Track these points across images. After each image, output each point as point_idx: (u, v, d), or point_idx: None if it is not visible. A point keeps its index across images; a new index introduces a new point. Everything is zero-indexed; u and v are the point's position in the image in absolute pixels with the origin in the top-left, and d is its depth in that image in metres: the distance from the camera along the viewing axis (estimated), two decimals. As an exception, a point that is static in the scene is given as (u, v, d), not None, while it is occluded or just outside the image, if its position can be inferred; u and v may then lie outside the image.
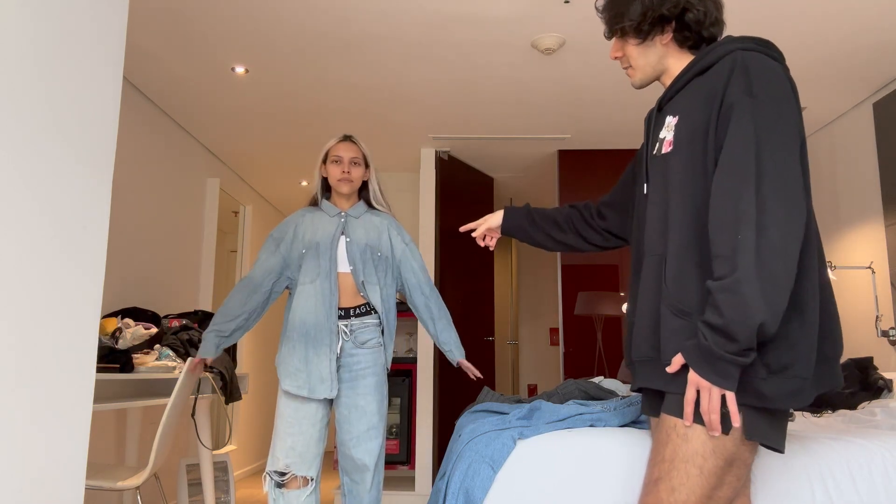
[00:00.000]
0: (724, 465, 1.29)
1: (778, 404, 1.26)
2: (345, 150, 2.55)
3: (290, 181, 5.69)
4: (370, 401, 2.43)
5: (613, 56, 1.58)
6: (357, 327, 2.47)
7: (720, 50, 1.40)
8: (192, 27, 3.16)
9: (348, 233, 2.51)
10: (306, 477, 2.37)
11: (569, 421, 1.89)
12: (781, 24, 3.10)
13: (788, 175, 1.25)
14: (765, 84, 1.31)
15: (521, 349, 6.49)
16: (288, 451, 2.37)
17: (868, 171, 3.84)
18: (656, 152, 1.48)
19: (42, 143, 1.43)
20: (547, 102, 4.03)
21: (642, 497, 1.35)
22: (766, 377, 1.26)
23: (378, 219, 2.59)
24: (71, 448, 1.52)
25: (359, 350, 2.46)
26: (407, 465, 4.75)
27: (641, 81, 1.57)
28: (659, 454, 1.33)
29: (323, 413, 2.42)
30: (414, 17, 3.08)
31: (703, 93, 1.38)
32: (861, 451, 1.79)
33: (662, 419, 1.35)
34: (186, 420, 4.00)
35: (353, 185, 2.54)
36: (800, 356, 1.26)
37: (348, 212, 2.55)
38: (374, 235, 2.54)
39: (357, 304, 2.48)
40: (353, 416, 2.42)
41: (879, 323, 3.65)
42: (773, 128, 1.28)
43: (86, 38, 1.58)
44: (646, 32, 1.49)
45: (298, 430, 2.38)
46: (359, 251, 2.48)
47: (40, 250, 1.42)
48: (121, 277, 3.61)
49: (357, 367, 2.45)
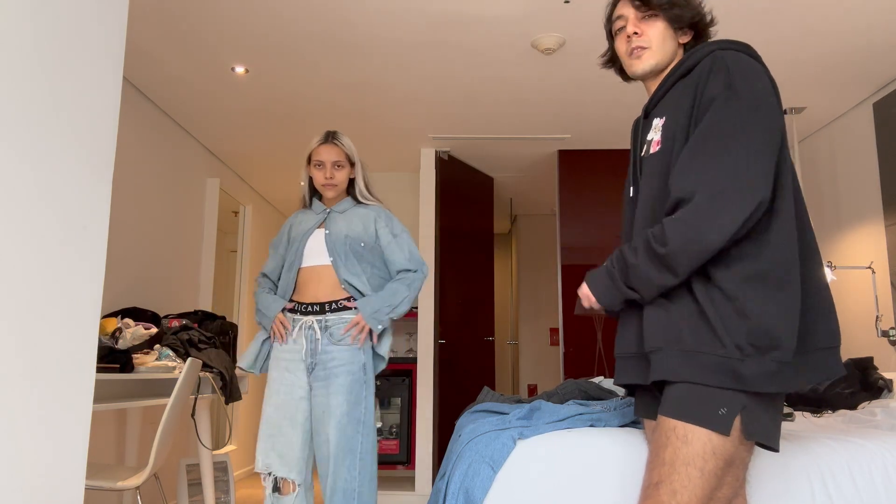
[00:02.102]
0: (725, 465, 1.29)
1: (756, 386, 1.27)
2: (326, 153, 2.49)
3: (290, 181, 5.69)
4: (340, 401, 2.31)
5: (635, 30, 1.54)
6: (333, 322, 2.39)
7: (700, 52, 1.45)
8: (192, 27, 3.16)
9: (328, 225, 2.49)
10: (287, 480, 2.32)
11: (569, 421, 1.89)
12: (781, 23, 3.10)
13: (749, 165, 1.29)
14: (742, 79, 1.35)
15: (521, 349, 6.49)
16: (267, 451, 2.33)
17: (868, 171, 3.84)
18: (644, 154, 1.52)
19: (42, 143, 1.43)
20: (547, 102, 4.03)
21: (641, 500, 1.34)
22: (743, 359, 1.27)
23: (366, 210, 2.55)
24: (71, 448, 1.52)
25: (334, 347, 2.36)
26: (407, 465, 4.75)
27: (653, 66, 1.54)
28: (658, 457, 1.33)
29: (305, 416, 2.36)
30: (414, 17, 3.08)
31: (686, 93, 1.42)
32: (861, 451, 1.79)
33: (661, 421, 1.35)
34: (186, 420, 4.00)
35: (337, 189, 2.52)
36: (777, 340, 1.27)
37: (333, 207, 2.54)
38: (359, 227, 2.48)
39: (336, 299, 2.41)
40: (324, 415, 2.32)
41: (879, 323, 3.65)
42: (748, 119, 1.31)
43: (86, 38, 1.58)
44: (685, 22, 1.53)
45: (279, 431, 2.34)
46: (338, 242, 2.44)
47: (40, 250, 1.42)
48: (121, 277, 3.61)
49: (331, 365, 2.35)
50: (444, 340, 4.79)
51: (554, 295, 6.49)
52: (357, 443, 2.31)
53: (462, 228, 5.14)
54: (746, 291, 1.29)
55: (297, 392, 2.38)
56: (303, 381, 2.39)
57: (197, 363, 2.78)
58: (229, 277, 6.01)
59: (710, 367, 1.28)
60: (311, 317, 2.40)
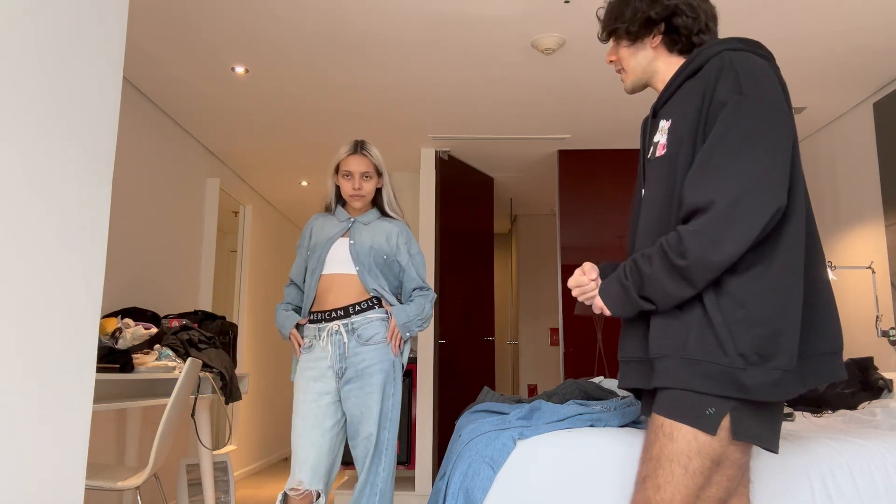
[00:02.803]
0: (711, 464, 1.29)
1: (759, 395, 1.26)
2: (356, 164, 2.50)
3: (290, 181, 5.70)
4: (377, 399, 2.37)
5: (609, 60, 1.64)
6: (360, 324, 2.42)
7: (708, 52, 1.43)
8: (192, 27, 3.16)
9: (352, 235, 2.50)
10: (311, 491, 2.34)
11: (569, 421, 1.90)
12: (781, 23, 3.10)
13: (767, 172, 1.27)
14: (753, 82, 1.33)
15: (521, 349, 6.49)
16: (300, 465, 2.34)
17: (868, 171, 3.84)
18: (651, 156, 1.51)
19: (42, 143, 1.43)
20: (547, 102, 4.03)
21: (633, 494, 1.38)
22: (745, 368, 1.26)
23: (390, 225, 2.57)
24: (71, 448, 1.52)
25: (364, 348, 2.40)
26: (407, 465, 4.75)
27: (633, 84, 1.61)
28: (647, 452, 1.36)
29: (333, 422, 2.39)
30: (414, 17, 3.08)
31: (694, 95, 1.41)
32: (861, 451, 1.79)
33: (651, 418, 1.37)
34: (186, 420, 4.00)
35: (365, 200, 2.53)
36: (781, 348, 1.27)
37: (358, 218, 2.55)
38: (382, 239, 2.51)
39: (360, 300, 2.44)
40: (362, 415, 2.37)
41: (879, 323, 3.65)
42: (762, 123, 1.30)
43: (86, 38, 1.58)
44: (635, 34, 1.55)
45: (309, 441, 2.35)
46: (363, 253, 2.47)
47: (40, 250, 1.42)
48: (121, 277, 3.61)
49: (363, 366, 2.39)
50: (444, 340, 4.79)
51: (554, 295, 6.49)
52: (384, 439, 2.39)
53: (462, 228, 5.14)
54: (756, 298, 1.28)
55: (325, 399, 2.40)
56: (331, 387, 2.41)
57: (197, 363, 2.78)
58: (229, 277, 6.01)
59: (711, 376, 1.28)
60: (337, 322, 2.42)
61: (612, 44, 1.62)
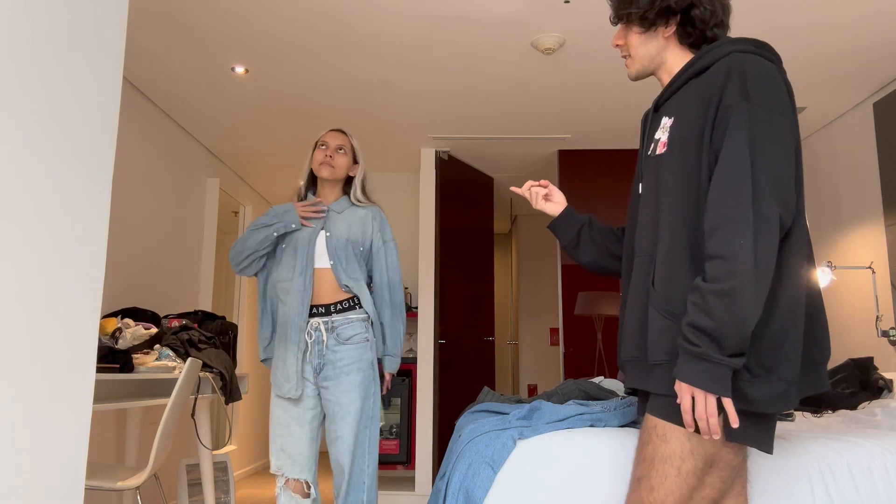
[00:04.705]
0: (704, 466, 1.29)
1: (764, 407, 1.26)
2: (332, 137, 2.58)
3: (290, 181, 5.69)
4: (354, 398, 2.36)
5: (615, 43, 1.58)
6: (340, 323, 2.42)
7: (717, 52, 1.40)
8: (192, 27, 3.16)
9: (329, 227, 2.48)
10: (300, 480, 2.36)
11: (569, 421, 1.89)
12: (781, 23, 3.10)
13: (781, 181, 1.26)
14: (760, 88, 1.31)
15: (521, 349, 6.49)
16: (278, 452, 2.37)
17: (868, 171, 3.84)
18: (651, 153, 1.49)
19: (42, 143, 1.43)
20: (547, 102, 4.03)
21: (627, 495, 1.38)
22: (751, 380, 1.26)
23: (363, 211, 2.55)
24: (71, 448, 1.52)
25: (342, 346, 2.40)
26: (407, 465, 4.75)
27: (638, 72, 1.57)
28: (640, 454, 1.36)
29: (313, 414, 2.40)
30: (414, 17, 3.08)
31: (698, 95, 1.38)
32: (861, 451, 1.79)
33: (645, 419, 1.37)
34: (186, 420, 4.00)
35: (333, 172, 2.51)
36: (785, 359, 1.26)
37: (332, 206, 2.53)
38: (358, 229, 2.50)
39: (340, 300, 2.44)
40: (338, 414, 2.36)
41: (879, 323, 3.65)
42: (768, 132, 1.28)
43: (86, 37, 1.58)
44: (650, 22, 1.50)
45: (287, 431, 2.37)
46: (340, 246, 2.45)
47: (40, 250, 1.42)
48: (121, 277, 3.61)
49: (341, 364, 2.38)
50: (444, 340, 4.79)
51: (554, 295, 6.49)
52: (366, 437, 2.39)
53: (462, 228, 5.14)
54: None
55: (305, 392, 2.40)
56: (309, 381, 2.41)
57: (197, 363, 2.78)
58: (229, 277, 6.01)
59: None
60: (318, 318, 2.42)
61: (621, 28, 1.57)
